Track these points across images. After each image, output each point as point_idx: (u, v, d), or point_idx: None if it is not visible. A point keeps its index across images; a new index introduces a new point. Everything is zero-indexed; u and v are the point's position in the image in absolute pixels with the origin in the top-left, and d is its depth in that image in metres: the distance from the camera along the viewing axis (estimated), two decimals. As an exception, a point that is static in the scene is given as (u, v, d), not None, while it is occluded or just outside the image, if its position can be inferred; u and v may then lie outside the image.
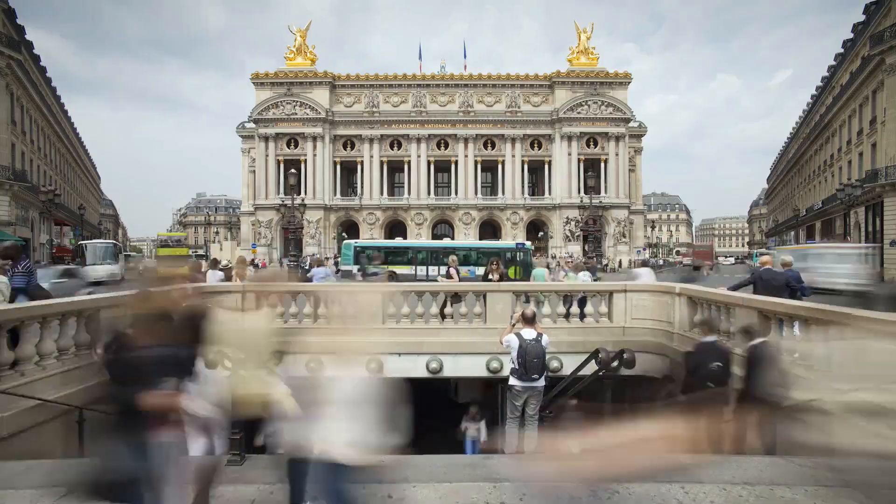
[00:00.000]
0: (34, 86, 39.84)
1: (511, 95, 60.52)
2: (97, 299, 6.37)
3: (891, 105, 31.73)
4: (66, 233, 48.23)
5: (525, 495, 3.61)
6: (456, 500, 3.56)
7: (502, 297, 8.98)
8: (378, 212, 60.31)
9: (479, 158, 61.00)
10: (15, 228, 32.76)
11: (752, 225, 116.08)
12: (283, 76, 59.12)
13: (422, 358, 8.76)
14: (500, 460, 4.55)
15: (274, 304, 4.45)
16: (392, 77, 61.00)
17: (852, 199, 30.73)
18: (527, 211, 60.73)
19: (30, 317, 5.35)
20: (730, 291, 8.30)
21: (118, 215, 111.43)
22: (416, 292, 9.32)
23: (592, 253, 33.60)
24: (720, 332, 6.80)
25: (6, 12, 34.59)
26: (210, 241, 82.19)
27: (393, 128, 60.53)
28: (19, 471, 4.10)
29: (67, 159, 54.36)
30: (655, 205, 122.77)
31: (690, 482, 3.85)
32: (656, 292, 8.95)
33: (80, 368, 5.85)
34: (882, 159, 32.69)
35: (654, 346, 8.61)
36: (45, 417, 5.14)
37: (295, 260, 22.87)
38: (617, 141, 59.24)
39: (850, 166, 40.16)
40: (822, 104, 50.41)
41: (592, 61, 60.42)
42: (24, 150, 37.17)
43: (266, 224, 58.69)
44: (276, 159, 59.12)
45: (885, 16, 33.90)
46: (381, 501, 3.54)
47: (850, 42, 42.53)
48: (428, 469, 4.15)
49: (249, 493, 3.66)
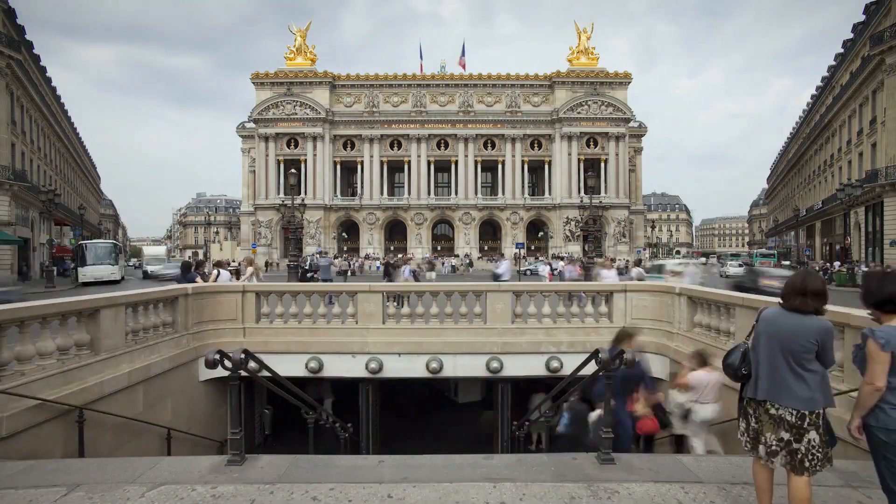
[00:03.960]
0: (34, 86, 39.81)
1: (511, 95, 60.51)
2: (97, 299, 6.37)
3: (891, 105, 31.72)
4: (66, 233, 48.22)
5: (525, 495, 3.61)
6: (456, 500, 3.56)
7: (502, 297, 8.98)
8: (378, 212, 60.31)
9: (479, 158, 60.99)
10: (15, 228, 32.74)
11: (752, 225, 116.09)
12: (283, 76, 59.11)
13: (422, 358, 8.75)
14: (500, 460, 4.55)
15: None
16: (392, 77, 60.98)
17: (852, 199, 30.72)
18: (527, 211, 60.71)
19: (30, 317, 5.35)
20: (730, 291, 8.30)
21: (118, 215, 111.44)
22: (416, 292, 9.32)
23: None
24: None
25: (6, 12, 34.56)
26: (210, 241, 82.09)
27: (393, 128, 60.51)
28: (19, 471, 4.10)
29: (67, 159, 54.32)
30: (655, 205, 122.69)
31: (690, 482, 3.85)
32: (656, 292, 8.95)
33: (80, 368, 5.86)
34: (882, 159, 32.69)
35: (655, 346, 8.61)
36: (45, 417, 5.14)
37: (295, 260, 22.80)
38: (617, 141, 59.22)
39: (850, 166, 40.17)
40: (822, 104, 50.41)
41: (592, 61, 60.40)
42: (24, 150, 37.14)
43: (266, 224, 58.69)
44: (276, 159, 59.10)
45: (885, 16, 33.88)
46: (381, 501, 3.54)
47: (850, 42, 42.52)
48: (428, 469, 4.15)
49: (249, 492, 3.66)
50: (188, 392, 8.09)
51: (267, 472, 4.08)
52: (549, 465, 4.18)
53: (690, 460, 4.41)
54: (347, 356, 8.70)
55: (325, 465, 4.28)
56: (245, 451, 4.34)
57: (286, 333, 8.77)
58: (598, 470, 4.07)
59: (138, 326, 7.15)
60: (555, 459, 4.33)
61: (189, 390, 8.11)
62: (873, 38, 33.29)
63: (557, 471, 4.05)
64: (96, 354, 6.21)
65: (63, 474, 4.01)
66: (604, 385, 4.26)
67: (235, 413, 4.50)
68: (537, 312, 8.96)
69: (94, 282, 29.28)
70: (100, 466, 4.30)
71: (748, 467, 4.18)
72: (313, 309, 9.06)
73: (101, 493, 3.65)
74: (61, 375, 5.56)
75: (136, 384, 6.69)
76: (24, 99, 37.45)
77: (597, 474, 3.97)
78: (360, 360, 8.69)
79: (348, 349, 8.69)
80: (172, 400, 7.54)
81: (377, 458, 4.50)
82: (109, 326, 6.42)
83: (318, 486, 3.73)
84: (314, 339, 8.72)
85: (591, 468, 4.10)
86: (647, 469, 4.11)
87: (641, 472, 4.02)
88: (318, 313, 9.08)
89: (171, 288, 8.36)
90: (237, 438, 4.31)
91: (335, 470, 4.13)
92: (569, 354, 8.56)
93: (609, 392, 4.28)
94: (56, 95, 51.78)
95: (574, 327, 8.99)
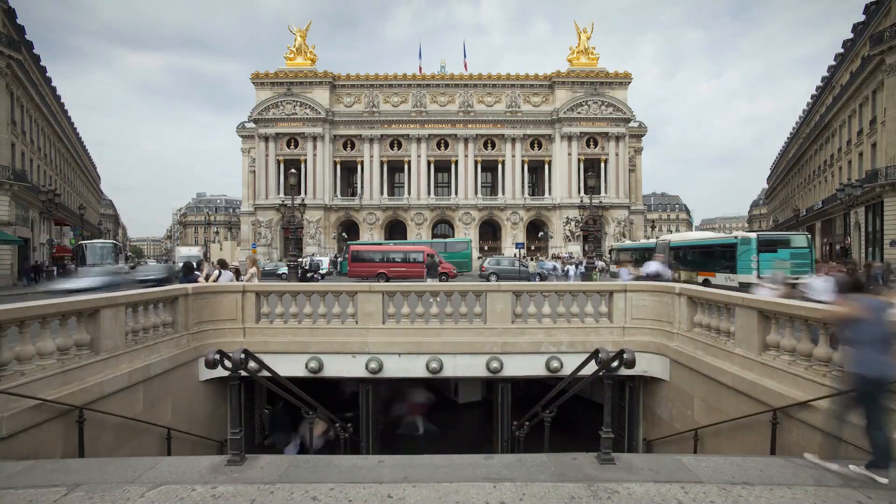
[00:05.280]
0: (34, 86, 39.81)
1: (511, 95, 60.53)
2: (97, 299, 6.37)
3: (891, 105, 31.71)
4: (66, 233, 48.21)
5: (525, 495, 3.61)
6: (456, 500, 3.55)
7: (502, 297, 8.97)
8: (378, 212, 60.31)
9: (479, 158, 61.00)
10: (15, 228, 32.74)
11: (752, 225, 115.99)
12: (283, 76, 59.13)
13: (422, 358, 8.75)
14: (500, 460, 4.55)
15: None
16: (392, 77, 61.00)
17: (852, 199, 30.71)
18: (527, 211, 60.72)
19: (30, 317, 5.35)
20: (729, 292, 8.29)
21: (118, 215, 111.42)
22: (416, 292, 9.31)
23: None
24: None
25: (6, 12, 34.57)
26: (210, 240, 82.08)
27: (393, 128, 60.54)
28: (19, 471, 4.10)
29: (67, 159, 54.30)
30: (655, 205, 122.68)
31: (690, 482, 3.85)
32: (656, 292, 8.94)
33: (80, 368, 5.86)
34: (882, 159, 32.68)
35: (655, 346, 8.61)
36: (45, 417, 5.14)
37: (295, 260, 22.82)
38: (617, 141, 59.23)
39: (850, 166, 40.15)
40: (822, 104, 50.40)
41: (592, 61, 60.43)
42: (24, 150, 37.14)
43: (266, 224, 58.71)
44: (276, 159, 59.12)
45: (886, 16, 33.87)
46: (381, 501, 3.54)
47: (850, 42, 42.51)
48: (428, 469, 4.15)
49: (250, 492, 3.66)
50: (188, 392, 8.09)
51: (267, 472, 4.08)
52: (549, 465, 4.18)
53: (690, 460, 4.41)
54: (347, 356, 8.70)
55: (325, 465, 4.28)
56: (245, 451, 4.35)
57: (286, 333, 8.77)
58: (598, 470, 4.07)
59: (138, 326, 7.15)
60: (555, 459, 4.33)
61: (189, 390, 8.11)
62: (873, 38, 33.28)
63: (557, 471, 4.05)
64: (96, 354, 6.20)
65: (63, 474, 4.01)
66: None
67: (235, 413, 4.50)
68: (537, 312, 8.95)
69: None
70: (100, 466, 4.30)
71: (748, 467, 4.19)
72: (313, 309, 9.06)
73: (101, 493, 3.65)
74: (61, 375, 5.56)
75: (136, 384, 6.69)
76: (24, 99, 37.44)
77: (597, 474, 3.97)
78: (359, 360, 8.69)
79: (348, 349, 8.69)
80: (172, 400, 7.53)
81: (377, 458, 4.49)
82: (109, 326, 6.42)
83: (318, 486, 3.73)
84: (314, 339, 8.72)
85: (591, 468, 4.10)
86: (647, 469, 4.11)
87: (641, 472, 4.02)
88: (318, 313, 9.08)
89: (171, 288, 8.36)
90: (237, 438, 4.31)
91: (335, 470, 4.13)
92: (569, 354, 8.56)
93: (609, 392, 4.28)
94: (56, 95, 51.76)
95: (574, 327, 8.99)
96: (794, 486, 3.76)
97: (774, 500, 3.55)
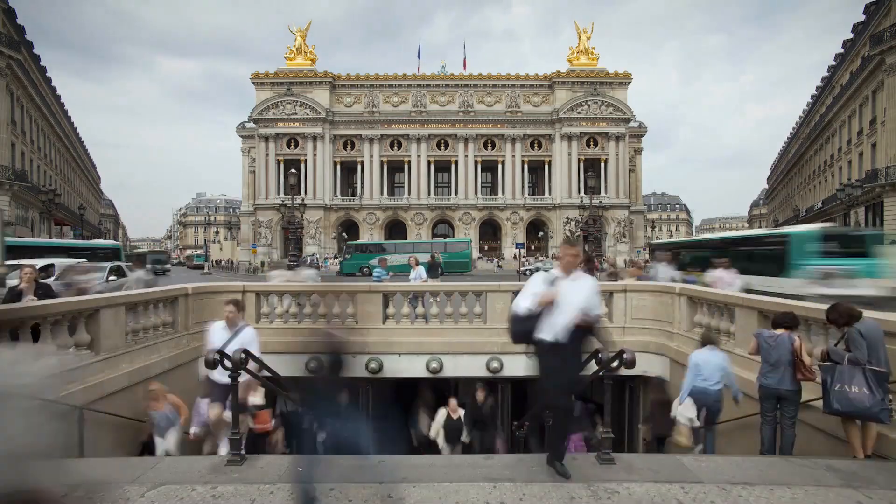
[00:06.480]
0: (34, 86, 39.82)
1: (511, 95, 60.52)
2: (97, 299, 6.37)
3: (891, 105, 31.71)
4: (66, 233, 48.19)
5: (525, 495, 3.61)
6: (456, 500, 3.55)
7: (502, 297, 8.97)
8: (378, 212, 60.30)
9: (479, 158, 61.00)
10: (15, 228, 32.73)
11: (752, 225, 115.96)
12: (283, 76, 59.11)
13: (422, 358, 8.75)
14: (500, 460, 4.55)
15: None
16: (392, 77, 60.99)
17: (852, 199, 30.73)
18: (527, 211, 60.71)
19: (30, 317, 5.34)
20: (730, 292, 8.29)
21: (118, 215, 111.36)
22: (416, 292, 9.32)
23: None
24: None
25: (6, 12, 34.59)
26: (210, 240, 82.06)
27: (393, 128, 60.52)
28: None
29: (67, 159, 54.32)
30: (655, 205, 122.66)
31: (690, 482, 3.85)
32: (656, 292, 8.94)
33: (80, 368, 5.86)
34: (882, 159, 32.68)
35: (655, 346, 8.61)
36: (45, 417, 5.12)
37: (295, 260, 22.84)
38: (617, 141, 59.22)
39: (850, 166, 40.15)
40: (822, 104, 50.40)
41: (592, 61, 60.41)
42: (24, 150, 37.16)
43: (266, 224, 58.67)
44: (276, 159, 59.10)
45: (886, 16, 33.88)
46: (381, 501, 3.54)
47: (850, 42, 42.51)
48: (428, 469, 4.14)
49: (250, 493, 3.66)
50: (188, 392, 8.08)
51: (267, 472, 4.08)
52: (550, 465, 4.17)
53: (690, 460, 4.41)
54: (347, 356, 8.69)
55: (325, 465, 4.27)
56: (245, 452, 4.34)
57: (286, 333, 8.77)
58: (598, 470, 4.06)
59: (138, 326, 7.15)
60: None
61: (189, 390, 8.10)
62: (873, 38, 33.29)
63: (557, 470, 4.04)
64: (96, 354, 6.21)
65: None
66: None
67: (235, 413, 4.50)
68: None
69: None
70: (100, 466, 4.30)
71: (748, 467, 4.19)
72: (313, 309, 9.06)
73: (101, 493, 3.65)
74: (61, 375, 5.55)
75: (136, 384, 6.69)
76: (24, 99, 37.46)
77: (597, 474, 3.97)
78: (359, 361, 8.69)
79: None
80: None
81: (377, 458, 4.49)
82: (109, 326, 6.42)
83: (318, 486, 3.73)
84: (314, 338, 8.70)
85: (591, 468, 4.10)
86: (647, 469, 4.11)
87: (641, 472, 4.02)
88: (317, 313, 9.07)
89: (171, 288, 8.36)
90: (237, 438, 4.31)
91: (335, 470, 4.13)
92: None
93: (609, 392, 4.28)
94: (56, 95, 51.78)
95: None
96: (794, 486, 3.76)
97: (774, 500, 3.55)
